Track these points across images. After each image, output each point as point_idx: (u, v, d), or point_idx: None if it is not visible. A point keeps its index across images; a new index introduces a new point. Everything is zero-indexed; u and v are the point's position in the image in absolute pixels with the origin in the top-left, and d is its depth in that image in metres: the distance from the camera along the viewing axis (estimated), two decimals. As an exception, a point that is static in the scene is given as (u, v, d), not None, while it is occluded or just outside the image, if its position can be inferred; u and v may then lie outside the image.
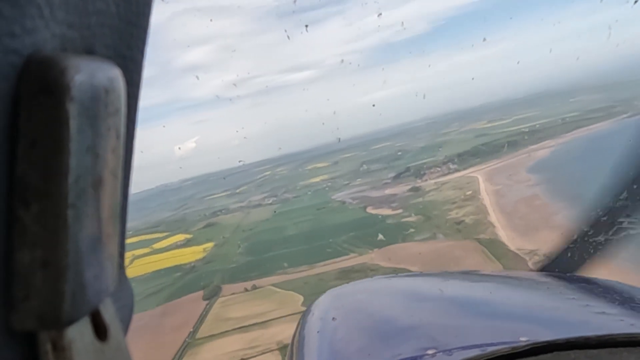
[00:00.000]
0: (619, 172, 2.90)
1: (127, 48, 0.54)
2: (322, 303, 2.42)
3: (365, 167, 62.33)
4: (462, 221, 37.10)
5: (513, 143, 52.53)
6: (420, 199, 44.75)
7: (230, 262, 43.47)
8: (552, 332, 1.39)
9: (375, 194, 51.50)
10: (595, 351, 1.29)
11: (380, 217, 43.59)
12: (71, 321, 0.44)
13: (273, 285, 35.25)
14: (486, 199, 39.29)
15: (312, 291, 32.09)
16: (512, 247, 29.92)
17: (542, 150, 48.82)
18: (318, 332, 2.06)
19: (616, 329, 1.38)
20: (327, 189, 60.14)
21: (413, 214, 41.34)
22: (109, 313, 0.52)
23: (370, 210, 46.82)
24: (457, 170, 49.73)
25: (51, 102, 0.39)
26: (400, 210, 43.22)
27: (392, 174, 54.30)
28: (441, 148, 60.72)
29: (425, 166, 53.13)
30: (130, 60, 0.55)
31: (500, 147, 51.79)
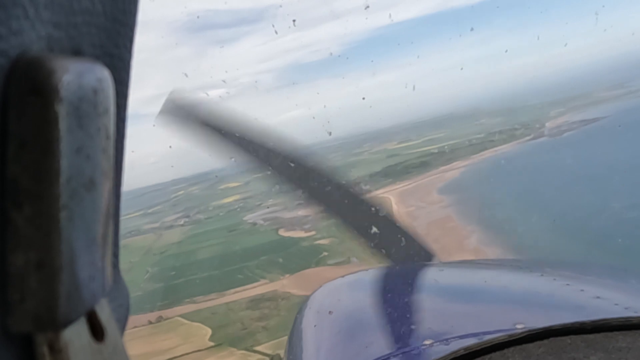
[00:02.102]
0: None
1: (115, 46, 0.54)
2: (318, 297, 2.42)
3: (278, 187, 61.07)
4: (377, 244, 36.53)
5: (423, 164, 53.31)
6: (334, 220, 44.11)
7: (136, 290, 40.90)
8: (548, 318, 1.40)
9: (287, 215, 50.34)
10: (591, 336, 1.30)
11: (292, 239, 42.63)
12: (67, 322, 0.44)
13: (180, 316, 33.25)
14: (399, 220, 39.12)
15: (220, 322, 30.66)
16: (427, 272, 29.42)
17: (451, 171, 49.80)
18: (315, 326, 2.06)
19: (611, 313, 1.39)
20: (239, 209, 58.54)
21: (326, 237, 40.61)
22: (105, 313, 0.52)
23: (282, 232, 45.73)
24: (369, 191, 49.42)
25: (40, 103, 0.39)
26: (313, 232, 42.37)
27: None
28: (353, 168, 60.75)
29: (337, 186, 52.69)
30: (118, 58, 0.55)
31: (412, 168, 52.40)
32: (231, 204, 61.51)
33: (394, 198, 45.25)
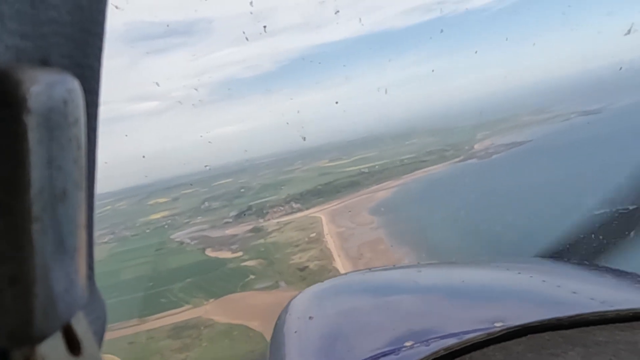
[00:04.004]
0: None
1: (84, 56, 0.54)
2: (299, 302, 2.43)
3: (206, 204, 59.36)
4: (306, 267, 35.41)
5: (354, 183, 53.00)
6: (262, 241, 42.83)
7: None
8: (526, 316, 1.42)
9: (215, 233, 48.74)
10: (568, 331, 1.32)
11: (219, 260, 41.04)
12: (43, 337, 0.44)
13: (93, 346, 30.72)
14: (330, 241, 38.36)
15: (138, 354, 28.65)
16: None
17: (383, 191, 49.61)
18: (296, 332, 2.04)
19: (587, 308, 1.41)
20: (166, 227, 56.22)
21: (254, 258, 39.32)
22: (81, 327, 0.52)
23: (209, 252, 43.94)
24: (300, 210, 48.74)
25: (8, 115, 0.39)
26: (240, 253, 40.91)
27: (234, 213, 51.94)
28: (284, 186, 59.82)
29: (268, 205, 51.64)
30: (87, 68, 0.55)
31: (343, 187, 52.00)
32: (159, 221, 59.19)
33: (325, 217, 44.51)
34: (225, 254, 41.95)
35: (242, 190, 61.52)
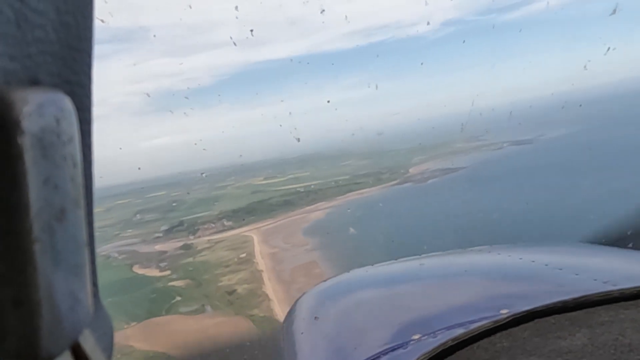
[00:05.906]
0: None
1: (73, 73, 0.54)
2: (304, 303, 2.44)
3: (138, 216, 57.39)
4: (235, 290, 34.32)
5: (288, 202, 52.50)
6: (191, 259, 41.50)
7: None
8: (531, 301, 1.40)
9: (144, 249, 46.95)
10: (573, 313, 1.33)
11: (146, 278, 39.38)
12: (51, 357, 0.44)
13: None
14: (261, 263, 37.43)
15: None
16: (289, 329, 27.79)
17: (316, 212, 49.27)
18: (302, 333, 2.04)
19: (591, 289, 1.41)
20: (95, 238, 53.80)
21: (182, 278, 37.91)
22: (89, 344, 0.52)
23: (136, 269, 42.14)
24: (232, 228, 47.72)
25: (1, 137, 0.39)
26: (168, 272, 39.38)
27: (166, 227, 50.33)
28: (217, 202, 58.60)
29: (199, 221, 50.31)
30: (77, 85, 0.55)
31: (276, 206, 51.38)
32: (87, 232, 56.60)
33: (257, 237, 43.62)
34: (153, 272, 40.29)
35: (175, 204, 59.86)
